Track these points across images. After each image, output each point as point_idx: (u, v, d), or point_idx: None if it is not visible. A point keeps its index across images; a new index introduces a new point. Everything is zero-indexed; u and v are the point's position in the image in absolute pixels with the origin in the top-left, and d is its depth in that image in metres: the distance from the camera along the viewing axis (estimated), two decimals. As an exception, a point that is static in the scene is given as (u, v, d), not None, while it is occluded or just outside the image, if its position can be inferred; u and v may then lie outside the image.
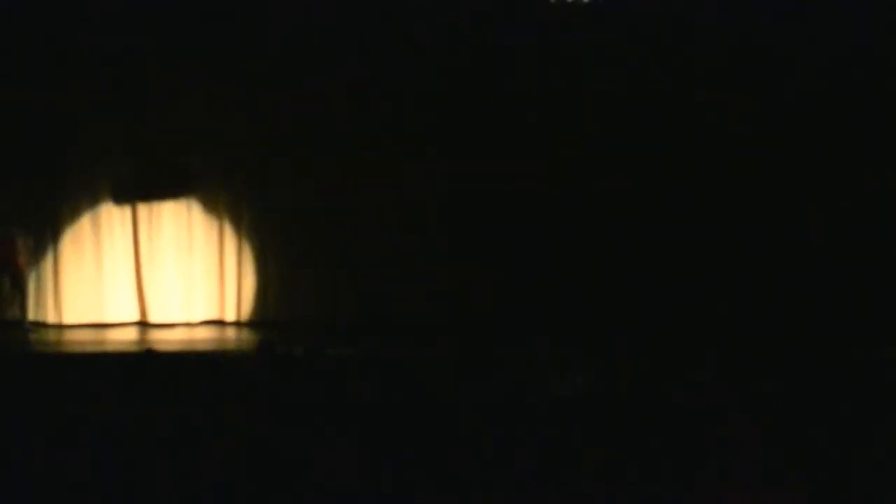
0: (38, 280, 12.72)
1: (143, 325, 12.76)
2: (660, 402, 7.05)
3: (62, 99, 12.33)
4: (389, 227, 12.64)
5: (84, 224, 12.79)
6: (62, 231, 12.77)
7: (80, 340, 11.98)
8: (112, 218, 12.82)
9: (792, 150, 12.47)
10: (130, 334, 12.40)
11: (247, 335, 12.00)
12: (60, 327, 12.67)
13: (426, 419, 6.54)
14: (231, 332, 12.50)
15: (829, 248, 12.30)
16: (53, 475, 5.67)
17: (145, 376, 7.90)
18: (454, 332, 11.60)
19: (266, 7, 12.27)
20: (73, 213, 12.78)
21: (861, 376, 8.24)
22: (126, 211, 12.84)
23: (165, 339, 12.00)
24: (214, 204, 12.95)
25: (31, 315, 12.51)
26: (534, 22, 12.06)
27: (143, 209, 12.80)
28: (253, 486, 5.59)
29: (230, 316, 12.95)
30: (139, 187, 12.83)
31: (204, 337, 12.24)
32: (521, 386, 7.15)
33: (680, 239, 12.44)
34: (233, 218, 12.97)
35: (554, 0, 10.09)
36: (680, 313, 11.91)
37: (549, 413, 6.73)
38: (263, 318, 12.85)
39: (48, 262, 12.78)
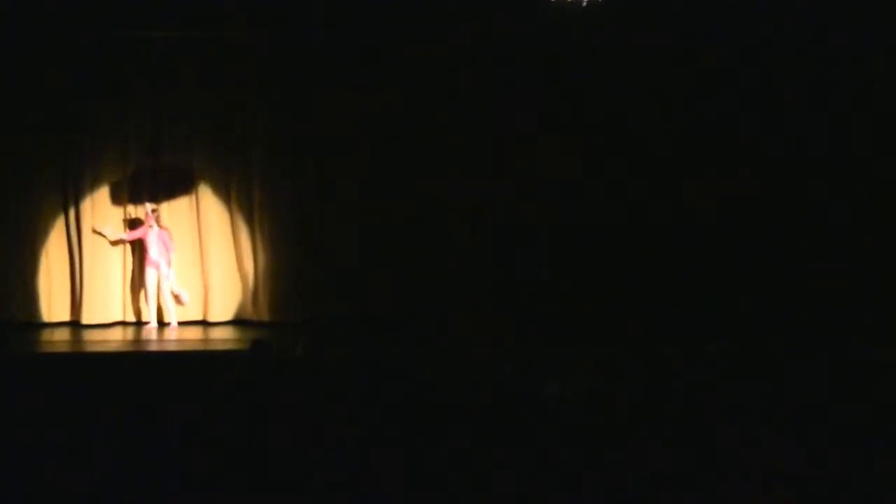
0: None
1: (135, 324, 12.76)
2: (660, 402, 7.05)
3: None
4: (392, 227, 12.65)
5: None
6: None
7: (89, 340, 11.98)
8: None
9: (791, 151, 12.51)
10: (129, 334, 12.38)
11: (244, 335, 11.98)
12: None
13: (426, 419, 6.54)
14: (229, 332, 12.48)
15: (829, 248, 12.33)
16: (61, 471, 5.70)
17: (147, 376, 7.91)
18: (454, 332, 11.61)
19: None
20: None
21: (859, 376, 8.25)
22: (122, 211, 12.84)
23: (161, 340, 12.00)
24: (216, 203, 12.94)
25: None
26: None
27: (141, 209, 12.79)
28: (252, 485, 5.60)
29: (227, 316, 12.96)
30: (148, 186, 12.80)
31: (200, 337, 12.23)
32: (522, 386, 7.15)
33: (680, 239, 12.47)
34: (234, 217, 12.96)
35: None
36: (680, 313, 11.92)
37: (549, 413, 6.74)
38: (262, 318, 12.85)
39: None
